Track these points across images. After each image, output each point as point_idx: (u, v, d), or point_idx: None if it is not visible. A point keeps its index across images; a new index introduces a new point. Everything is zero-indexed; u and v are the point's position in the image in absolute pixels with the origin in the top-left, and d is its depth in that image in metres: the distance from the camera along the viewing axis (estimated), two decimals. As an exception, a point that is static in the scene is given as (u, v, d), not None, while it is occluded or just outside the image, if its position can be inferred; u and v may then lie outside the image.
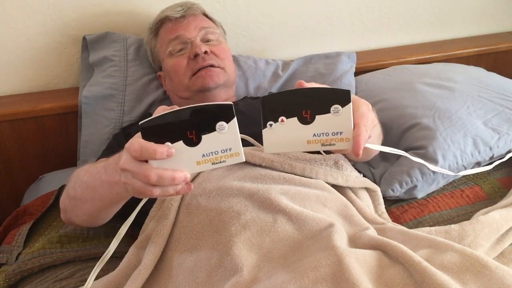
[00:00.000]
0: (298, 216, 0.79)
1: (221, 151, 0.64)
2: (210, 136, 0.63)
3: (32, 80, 1.35)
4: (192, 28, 1.18)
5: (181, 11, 1.20)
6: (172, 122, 0.62)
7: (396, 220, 1.04)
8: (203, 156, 0.64)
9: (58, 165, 1.33)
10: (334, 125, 0.67)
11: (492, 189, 1.12)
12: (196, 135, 0.62)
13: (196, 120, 0.62)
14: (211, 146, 0.63)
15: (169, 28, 1.20)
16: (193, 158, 0.64)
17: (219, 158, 0.64)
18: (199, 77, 1.14)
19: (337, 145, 0.69)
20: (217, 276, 0.74)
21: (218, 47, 1.19)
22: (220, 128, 0.63)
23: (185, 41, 1.17)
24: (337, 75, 1.41)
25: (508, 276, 0.70)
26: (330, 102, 0.66)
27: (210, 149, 0.63)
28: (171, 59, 1.18)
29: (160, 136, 0.62)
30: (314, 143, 0.68)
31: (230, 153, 0.64)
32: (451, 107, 1.21)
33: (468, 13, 1.79)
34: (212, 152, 0.64)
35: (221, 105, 0.62)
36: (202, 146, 0.63)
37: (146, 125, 0.62)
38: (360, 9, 1.62)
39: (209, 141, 0.63)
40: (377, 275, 0.72)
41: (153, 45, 1.25)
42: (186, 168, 0.64)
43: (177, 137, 0.62)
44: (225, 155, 0.64)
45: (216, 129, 0.63)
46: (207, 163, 0.64)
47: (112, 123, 1.26)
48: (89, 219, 0.90)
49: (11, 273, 0.91)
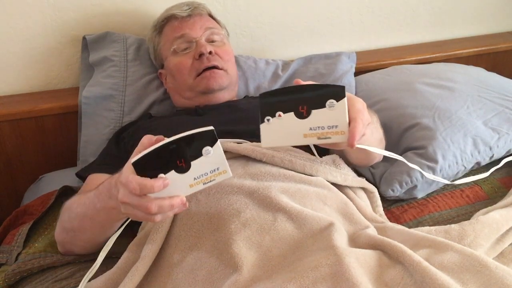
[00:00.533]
0: (298, 215, 0.79)
1: (210, 171, 0.69)
2: (198, 161, 0.67)
3: (32, 80, 1.35)
4: (197, 28, 1.18)
5: (188, 10, 1.21)
6: (161, 154, 0.66)
7: (396, 220, 1.04)
8: (195, 179, 0.68)
9: (58, 165, 1.33)
10: (329, 119, 0.69)
11: (492, 189, 1.12)
12: (185, 162, 0.67)
13: (183, 148, 0.66)
14: (200, 170, 0.68)
15: (175, 26, 1.20)
16: (186, 183, 0.68)
17: (209, 178, 0.69)
18: (203, 78, 1.14)
19: (333, 138, 0.70)
20: (217, 274, 0.74)
21: (222, 49, 1.19)
22: (206, 152, 0.67)
23: (190, 40, 1.17)
24: (337, 75, 1.41)
25: (508, 276, 0.70)
26: (326, 97, 0.69)
27: (200, 172, 0.68)
28: (175, 58, 1.18)
29: (152, 169, 0.66)
30: (310, 136, 0.70)
31: (218, 172, 0.69)
32: (451, 107, 1.21)
33: (468, 13, 1.79)
34: (202, 174, 0.69)
35: (204, 132, 0.67)
36: (192, 171, 0.68)
37: (138, 161, 0.66)
38: (360, 9, 1.62)
39: (198, 165, 0.67)
40: (377, 275, 0.72)
41: (156, 42, 1.25)
42: (181, 192, 0.68)
43: (168, 167, 0.67)
44: (214, 174, 0.69)
45: (203, 154, 0.67)
46: (198, 184, 0.69)
47: (112, 123, 1.26)
48: (90, 246, 0.91)
49: (10, 273, 0.91)
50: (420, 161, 1.10)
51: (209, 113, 1.13)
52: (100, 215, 0.80)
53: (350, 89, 1.41)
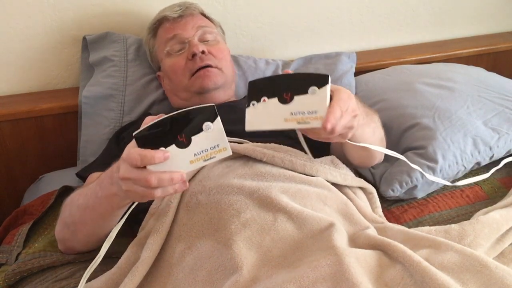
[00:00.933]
0: (299, 215, 0.79)
1: (210, 148, 0.70)
2: (198, 136, 0.69)
3: (32, 80, 1.35)
4: (189, 28, 1.18)
5: (179, 11, 1.20)
6: (162, 129, 0.68)
7: (396, 220, 1.04)
8: (195, 155, 0.69)
9: (58, 165, 1.33)
10: (310, 104, 0.71)
11: (492, 189, 1.12)
12: (186, 137, 0.68)
13: (184, 123, 0.68)
14: (200, 145, 0.69)
15: (167, 28, 1.20)
16: (186, 158, 0.69)
17: (209, 155, 0.70)
18: (198, 78, 1.14)
19: (311, 123, 0.72)
20: (217, 274, 0.74)
21: (216, 47, 1.19)
22: (207, 127, 0.69)
23: (182, 40, 1.17)
24: (337, 75, 1.41)
25: (508, 276, 0.70)
26: (309, 84, 0.71)
27: (200, 148, 0.69)
28: (169, 59, 1.18)
29: (154, 143, 0.68)
30: (290, 121, 0.72)
31: (218, 149, 0.70)
32: (451, 107, 1.21)
33: (468, 13, 1.79)
34: (202, 151, 0.69)
35: (205, 107, 0.68)
36: (192, 146, 0.69)
37: (140, 134, 0.68)
38: (360, 9, 1.62)
39: (198, 141, 0.69)
40: (377, 275, 0.72)
41: (151, 45, 1.25)
42: (181, 168, 0.69)
43: (169, 142, 0.68)
44: (214, 151, 0.70)
45: (203, 129, 0.69)
46: (199, 161, 0.70)
47: (112, 123, 1.26)
48: (91, 240, 0.90)
49: (10, 273, 0.91)
50: (420, 161, 1.10)
51: None
52: (102, 203, 0.80)
53: (350, 89, 1.39)
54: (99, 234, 0.88)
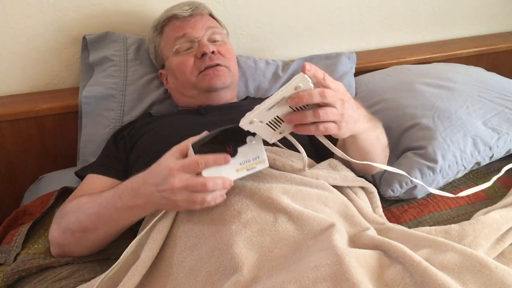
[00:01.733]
0: (299, 216, 0.79)
1: (252, 159, 0.81)
2: (243, 148, 0.79)
3: (32, 80, 1.35)
4: (199, 27, 1.18)
5: (189, 10, 1.21)
6: (214, 140, 0.77)
7: (396, 220, 1.04)
8: (240, 164, 0.80)
9: (58, 165, 1.33)
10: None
11: (492, 189, 1.12)
12: (233, 148, 0.79)
13: (232, 137, 0.78)
14: (245, 156, 0.80)
15: (176, 26, 1.20)
16: (233, 167, 0.79)
17: (251, 165, 0.81)
18: (206, 75, 1.14)
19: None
20: (217, 274, 0.74)
21: (224, 48, 1.19)
22: (250, 141, 0.79)
23: (192, 39, 1.17)
24: (337, 76, 1.42)
25: (508, 276, 0.70)
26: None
27: (245, 158, 0.80)
28: (177, 57, 1.18)
29: (207, 153, 0.77)
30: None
31: (258, 160, 0.81)
32: (450, 107, 1.21)
33: (468, 13, 1.79)
34: (246, 161, 0.80)
35: None
36: (238, 156, 0.79)
37: (197, 144, 0.77)
38: (360, 9, 1.62)
39: (243, 152, 0.79)
40: (377, 275, 0.72)
41: (157, 42, 1.25)
42: (230, 175, 0.79)
43: (220, 152, 0.78)
44: (255, 162, 0.81)
45: (247, 142, 0.79)
46: (243, 170, 0.80)
47: (112, 123, 1.26)
48: (95, 246, 0.93)
49: (9, 273, 0.91)
50: (420, 161, 1.10)
51: (211, 113, 1.13)
52: (121, 214, 0.84)
53: (350, 89, 1.41)
54: (107, 241, 0.92)
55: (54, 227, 0.94)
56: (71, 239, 0.91)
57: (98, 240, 0.91)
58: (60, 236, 0.92)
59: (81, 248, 0.93)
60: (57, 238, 0.93)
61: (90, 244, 0.92)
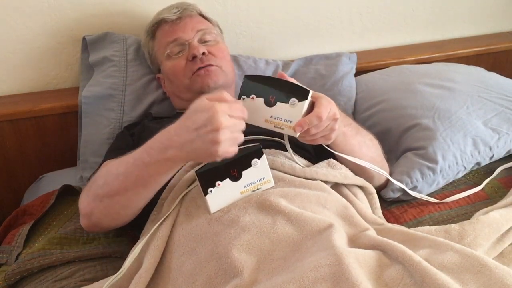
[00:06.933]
0: (298, 217, 0.79)
1: (257, 180, 0.84)
2: (248, 171, 0.83)
3: (32, 80, 1.35)
4: (189, 30, 1.18)
5: (177, 13, 1.20)
6: (219, 166, 0.81)
7: (396, 220, 1.04)
8: (245, 187, 0.83)
9: (58, 165, 1.33)
10: (288, 113, 0.80)
11: (492, 189, 1.12)
12: (237, 172, 0.82)
13: (236, 161, 0.81)
14: (249, 178, 0.83)
15: (166, 30, 1.19)
16: (237, 189, 0.83)
17: (256, 186, 0.84)
18: (198, 76, 1.13)
19: (285, 130, 0.81)
20: (217, 279, 0.74)
21: (216, 47, 1.18)
22: (255, 164, 0.83)
23: (182, 43, 1.17)
24: (337, 76, 1.41)
25: (508, 276, 0.70)
26: (292, 95, 0.80)
27: (249, 181, 0.84)
28: (170, 62, 1.18)
29: (212, 178, 0.81)
30: (269, 123, 0.82)
31: (264, 181, 0.85)
32: (451, 108, 1.21)
33: (468, 13, 1.79)
34: (251, 183, 0.84)
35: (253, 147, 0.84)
36: (243, 179, 0.83)
37: (201, 170, 0.81)
38: (360, 9, 1.62)
39: (248, 175, 0.83)
40: (377, 275, 0.72)
41: (150, 47, 1.25)
42: (233, 198, 0.83)
43: (224, 176, 0.82)
44: (260, 183, 0.85)
45: (252, 165, 0.83)
46: (248, 192, 0.84)
47: (112, 123, 1.26)
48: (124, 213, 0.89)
49: (10, 273, 0.91)
50: (420, 162, 1.10)
51: None
52: (149, 169, 0.80)
53: (350, 90, 1.40)
54: (136, 205, 0.88)
55: (83, 196, 0.91)
56: (99, 206, 0.87)
57: (126, 204, 0.87)
58: (89, 205, 0.89)
59: (109, 218, 0.89)
60: (86, 207, 0.90)
61: (119, 211, 0.88)
